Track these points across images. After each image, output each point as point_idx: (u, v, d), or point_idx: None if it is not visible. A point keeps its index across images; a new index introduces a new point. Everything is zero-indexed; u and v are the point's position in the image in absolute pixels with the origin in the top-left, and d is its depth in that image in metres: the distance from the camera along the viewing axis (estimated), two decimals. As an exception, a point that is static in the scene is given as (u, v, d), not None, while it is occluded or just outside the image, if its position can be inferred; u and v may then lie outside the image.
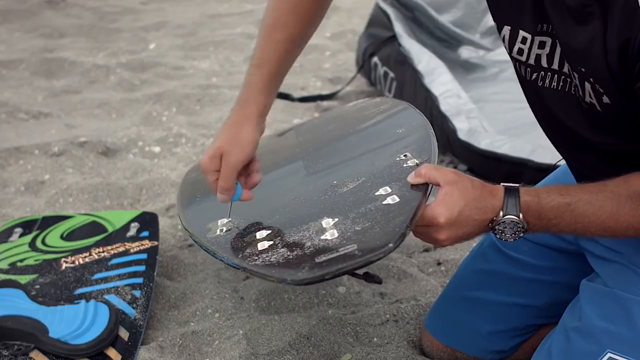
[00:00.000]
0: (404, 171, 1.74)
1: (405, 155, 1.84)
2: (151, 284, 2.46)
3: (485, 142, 3.42)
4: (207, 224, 1.96)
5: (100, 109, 4.92)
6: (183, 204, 2.29)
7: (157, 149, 4.17)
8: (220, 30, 7.19)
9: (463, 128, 3.57)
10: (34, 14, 7.82)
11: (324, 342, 2.27)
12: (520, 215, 1.60)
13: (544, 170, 2.87)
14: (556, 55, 1.65)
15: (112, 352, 2.18)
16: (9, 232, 2.89)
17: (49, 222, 2.92)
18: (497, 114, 3.85)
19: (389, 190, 1.68)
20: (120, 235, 2.76)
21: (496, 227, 1.62)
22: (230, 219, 1.90)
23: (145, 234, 2.74)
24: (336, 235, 1.58)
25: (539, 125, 1.83)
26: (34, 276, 2.54)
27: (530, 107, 1.86)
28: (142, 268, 2.53)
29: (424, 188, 1.63)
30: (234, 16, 7.84)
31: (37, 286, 2.47)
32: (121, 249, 2.64)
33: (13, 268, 2.60)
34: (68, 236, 2.79)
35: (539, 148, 3.18)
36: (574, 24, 1.54)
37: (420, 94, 4.08)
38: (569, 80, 1.65)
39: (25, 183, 3.66)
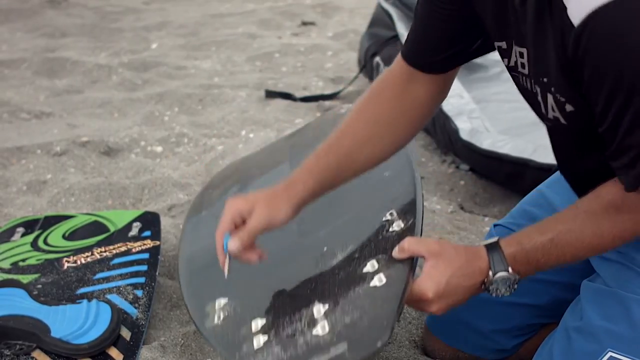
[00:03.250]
0: (389, 240, 1.79)
1: (391, 215, 1.90)
2: (153, 284, 2.46)
3: (487, 142, 3.42)
4: (205, 304, 2.00)
5: (102, 108, 4.92)
6: (184, 267, 2.31)
7: (159, 149, 4.17)
8: (222, 30, 7.20)
9: (465, 128, 3.56)
10: (36, 14, 7.83)
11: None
12: (510, 269, 1.63)
13: (546, 170, 2.88)
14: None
15: (114, 352, 2.18)
16: (11, 231, 2.89)
17: (51, 221, 2.92)
18: (499, 114, 3.84)
19: (376, 266, 1.72)
20: (122, 234, 2.76)
21: (490, 287, 1.65)
22: (227, 301, 1.93)
23: (147, 233, 2.74)
24: (327, 329, 1.62)
25: (540, 125, 1.83)
26: (36, 276, 2.54)
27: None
28: (144, 268, 2.53)
29: (410, 263, 1.67)
30: (235, 16, 7.85)
31: (39, 286, 2.47)
32: (123, 249, 2.64)
33: (15, 268, 2.60)
34: (70, 236, 2.80)
35: (540, 148, 3.18)
36: (534, 33, 1.55)
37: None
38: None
39: (27, 183, 3.66)
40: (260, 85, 5.31)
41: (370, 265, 1.73)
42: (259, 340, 1.71)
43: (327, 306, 1.69)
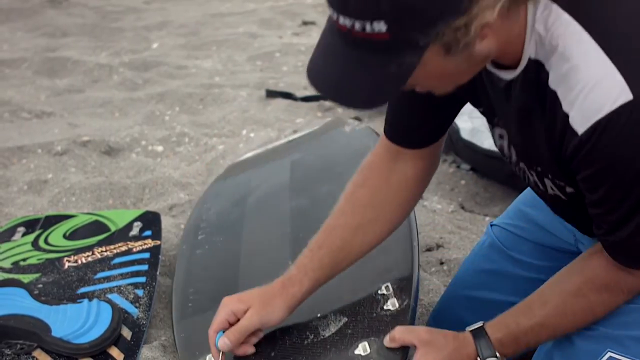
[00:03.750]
0: (383, 321, 1.81)
1: (386, 288, 1.90)
2: (154, 283, 2.46)
3: (488, 141, 3.42)
4: (196, 358, 2.00)
5: (103, 108, 4.93)
6: (178, 312, 2.31)
7: (160, 148, 4.17)
8: (223, 29, 7.20)
9: (466, 128, 3.56)
10: (36, 13, 7.83)
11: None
12: (497, 354, 1.66)
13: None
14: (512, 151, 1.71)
15: (114, 351, 2.18)
16: (11, 231, 2.89)
17: (51, 221, 2.92)
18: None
19: (368, 350, 1.74)
20: (122, 234, 2.76)
21: None
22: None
23: (147, 233, 2.74)
24: None
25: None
26: (36, 275, 2.54)
27: None
28: (144, 267, 2.53)
29: (401, 353, 1.70)
30: (236, 15, 7.85)
31: (40, 285, 2.47)
32: (124, 248, 2.64)
33: (16, 267, 2.60)
34: (71, 235, 2.80)
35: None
36: (521, 125, 1.57)
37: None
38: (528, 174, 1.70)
39: (28, 182, 3.66)
40: (261, 84, 5.31)
41: (362, 348, 1.75)
42: None
43: None
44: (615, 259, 1.55)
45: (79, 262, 2.60)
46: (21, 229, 2.89)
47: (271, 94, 5.07)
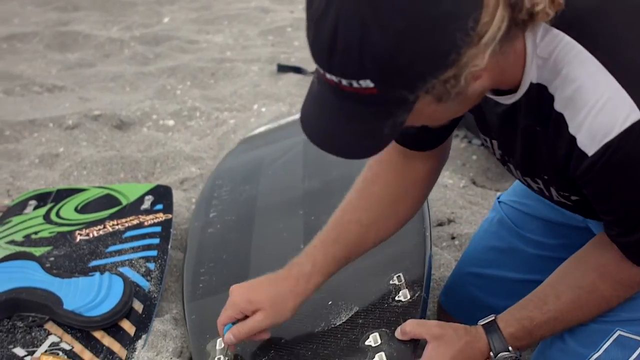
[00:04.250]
0: (394, 312, 1.79)
1: (398, 279, 1.89)
2: (165, 257, 2.46)
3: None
4: (206, 340, 2.00)
5: (114, 82, 4.92)
6: (189, 294, 2.31)
7: (171, 123, 4.17)
8: (235, 4, 7.17)
9: (477, 102, 3.55)
10: (48, -13, 7.83)
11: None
12: (510, 348, 1.65)
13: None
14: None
15: (126, 324, 2.19)
16: (23, 204, 2.90)
17: (63, 194, 2.92)
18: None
19: (379, 341, 1.73)
20: (134, 208, 2.77)
21: None
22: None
23: (159, 207, 2.74)
24: None
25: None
26: (48, 248, 2.55)
27: None
28: (156, 241, 2.53)
29: (411, 346, 1.69)
30: (248, -10, 7.83)
31: (52, 258, 2.48)
32: (135, 222, 2.65)
33: (27, 240, 2.61)
34: (82, 209, 2.80)
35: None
36: (525, 146, 1.57)
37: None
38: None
39: (39, 156, 3.67)
40: (273, 59, 5.29)
41: (373, 339, 1.73)
42: None
43: None
44: (628, 257, 1.54)
45: (91, 235, 2.60)
46: (33, 203, 2.90)
47: (282, 68, 5.06)
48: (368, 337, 1.73)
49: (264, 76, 4.97)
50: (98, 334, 2.15)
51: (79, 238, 2.59)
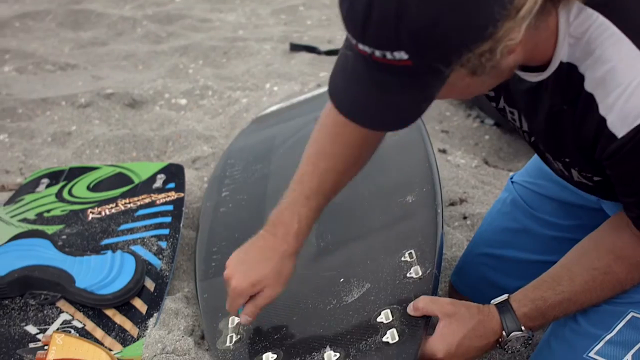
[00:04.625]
0: (406, 288, 1.78)
1: (410, 255, 1.87)
2: (177, 235, 2.46)
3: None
4: (219, 319, 2.00)
5: (127, 61, 4.92)
6: (202, 274, 2.30)
7: (183, 101, 4.17)
8: (247, -18, 7.17)
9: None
10: (61, -35, 7.82)
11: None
12: (523, 328, 1.63)
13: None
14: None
15: (138, 303, 2.19)
16: (36, 182, 2.90)
17: (75, 173, 2.93)
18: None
19: (390, 318, 1.71)
20: (146, 186, 2.77)
21: (505, 346, 1.66)
22: (239, 321, 1.93)
23: (171, 185, 2.75)
24: None
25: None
26: (60, 226, 2.55)
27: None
28: (168, 219, 2.53)
29: (423, 323, 1.67)
30: (260, -32, 7.82)
31: (64, 236, 2.49)
32: (147, 200, 2.65)
33: (40, 218, 2.62)
34: (94, 187, 2.80)
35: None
36: (549, 124, 1.56)
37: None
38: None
39: (52, 134, 3.67)
40: (285, 38, 5.29)
41: (385, 316, 1.72)
42: None
43: (338, 355, 1.68)
44: None
45: (103, 213, 2.61)
46: (45, 181, 2.90)
47: (295, 47, 5.06)
48: (380, 314, 1.73)
49: (276, 55, 4.96)
50: (110, 312, 2.16)
51: (91, 216, 2.60)
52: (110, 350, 2.02)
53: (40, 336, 2.08)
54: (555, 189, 2.06)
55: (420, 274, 1.79)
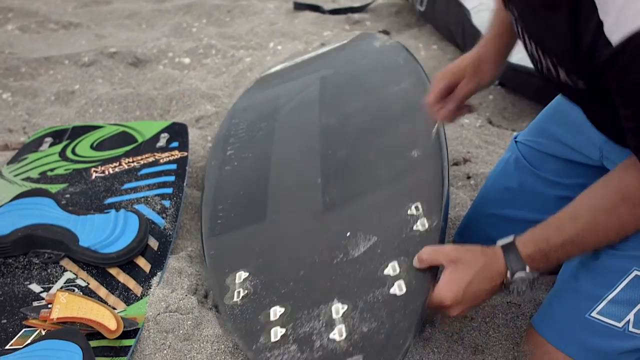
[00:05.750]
0: (412, 239, 1.78)
1: (416, 209, 1.87)
2: (180, 194, 2.47)
3: (517, 56, 3.36)
4: (226, 274, 1.99)
5: (130, 19, 4.91)
6: (207, 227, 2.29)
7: (187, 60, 4.16)
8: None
9: (495, 42, 3.52)
10: None
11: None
12: (527, 268, 1.63)
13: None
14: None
15: (141, 261, 2.20)
16: (39, 141, 2.90)
17: (79, 131, 2.92)
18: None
19: (397, 270, 1.72)
20: (149, 145, 2.77)
21: (510, 287, 1.65)
22: (247, 275, 1.93)
23: (174, 144, 2.74)
24: (344, 335, 1.62)
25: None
26: (64, 185, 2.55)
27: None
28: (171, 178, 2.53)
29: (430, 273, 1.67)
30: None
31: (67, 195, 2.49)
32: (151, 159, 2.65)
33: (43, 177, 2.62)
34: (98, 146, 2.80)
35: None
36: (542, 17, 1.55)
37: (452, 8, 4.03)
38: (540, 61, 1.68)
39: (55, 93, 3.67)
40: (289, -4, 5.27)
41: (392, 268, 1.72)
42: (277, 333, 1.72)
43: (345, 307, 1.68)
44: None
45: (106, 172, 2.61)
46: (49, 140, 2.90)
47: (299, 6, 5.04)
48: (387, 266, 1.73)
49: (280, 14, 4.94)
50: (113, 271, 2.17)
51: (94, 175, 2.60)
52: (114, 308, 2.03)
53: (44, 295, 2.08)
54: (559, 147, 2.06)
55: (427, 226, 1.79)
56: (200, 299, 2.12)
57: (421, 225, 1.81)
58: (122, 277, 2.14)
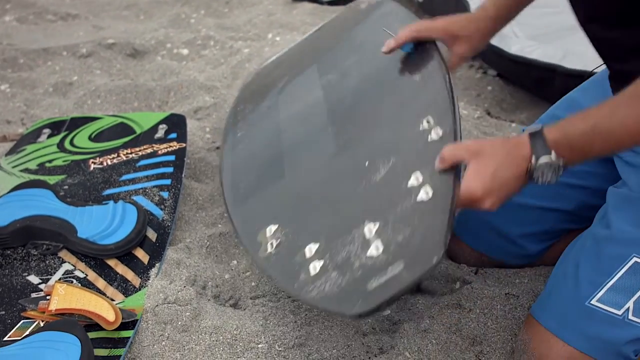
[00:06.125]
0: (430, 149, 1.74)
1: (427, 122, 1.84)
2: (179, 186, 2.47)
3: (515, 47, 3.39)
4: (256, 233, 1.97)
5: (129, 10, 4.91)
6: (230, 194, 2.28)
7: (185, 51, 4.16)
8: None
9: (493, 33, 3.53)
10: None
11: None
12: (553, 153, 1.58)
13: (574, 76, 2.85)
14: None
15: (140, 253, 2.20)
16: (37, 132, 2.90)
17: (77, 123, 2.92)
18: (528, 19, 3.78)
19: (420, 179, 1.68)
20: (148, 136, 2.77)
21: (534, 174, 1.60)
22: (277, 227, 1.91)
23: (173, 135, 2.74)
24: (381, 250, 1.60)
25: (570, 32, 1.82)
26: (62, 177, 2.55)
27: None
28: (170, 170, 2.53)
29: (454, 171, 1.63)
30: None
31: (66, 186, 2.49)
32: (149, 151, 2.65)
33: (42, 168, 2.62)
34: (96, 137, 2.80)
35: (569, 54, 3.14)
36: None
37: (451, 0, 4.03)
38: None
39: (53, 84, 3.66)
40: (287, -13, 5.27)
41: (415, 179, 1.70)
42: (315, 267, 1.70)
43: (377, 225, 1.66)
44: None
45: (105, 164, 2.61)
46: (47, 131, 2.90)
47: (297, -3, 5.04)
48: (410, 178, 1.71)
49: (278, 5, 4.94)
50: (112, 262, 2.17)
51: (92, 166, 2.60)
52: (112, 300, 2.03)
53: (42, 286, 2.08)
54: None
55: (441, 134, 1.76)
56: (198, 290, 2.12)
57: (435, 134, 1.78)
58: (121, 269, 2.15)
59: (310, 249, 1.76)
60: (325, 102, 2.35)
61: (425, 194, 1.63)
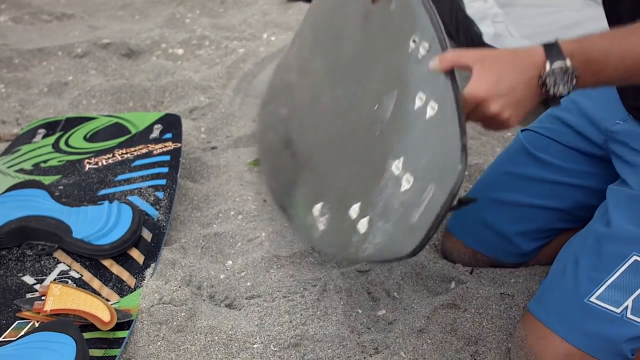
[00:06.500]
0: (424, 65, 1.69)
1: (414, 41, 1.79)
2: (174, 186, 2.47)
3: (510, 47, 3.39)
4: (305, 217, 1.97)
5: (124, 10, 4.90)
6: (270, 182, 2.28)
7: (180, 51, 4.15)
8: None
9: (488, 32, 3.53)
10: None
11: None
12: (567, 60, 1.50)
13: (570, 75, 2.85)
14: None
15: (135, 253, 2.20)
16: (32, 133, 2.90)
17: (72, 123, 2.92)
18: (523, 18, 3.80)
19: (424, 97, 1.66)
20: (143, 136, 2.76)
21: (547, 81, 1.51)
22: (322, 204, 1.91)
23: (168, 135, 2.74)
24: (411, 180, 1.60)
25: (564, 31, 1.81)
26: (57, 177, 2.55)
27: None
28: (165, 170, 2.53)
29: (451, 77, 1.58)
30: None
31: (61, 187, 2.49)
32: (144, 151, 2.65)
33: (37, 169, 2.62)
34: (91, 137, 2.80)
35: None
36: None
37: (446, -3, 4.03)
38: None
39: (48, 84, 3.66)
40: (283, -13, 5.26)
41: (419, 100, 1.66)
42: (363, 224, 1.70)
43: (401, 159, 1.65)
44: None
45: (100, 164, 2.61)
46: (42, 131, 2.90)
47: (292, -3, 5.03)
48: (415, 102, 1.66)
49: (273, 5, 4.93)
50: (107, 263, 2.17)
51: (87, 167, 2.60)
52: (108, 300, 2.03)
53: (37, 287, 2.09)
54: (562, 133, 2.07)
55: (427, 46, 1.74)
56: (194, 291, 2.12)
57: (423, 49, 1.74)
58: (116, 269, 2.15)
59: (355, 209, 1.76)
60: (327, 71, 2.35)
61: (431, 109, 1.60)
